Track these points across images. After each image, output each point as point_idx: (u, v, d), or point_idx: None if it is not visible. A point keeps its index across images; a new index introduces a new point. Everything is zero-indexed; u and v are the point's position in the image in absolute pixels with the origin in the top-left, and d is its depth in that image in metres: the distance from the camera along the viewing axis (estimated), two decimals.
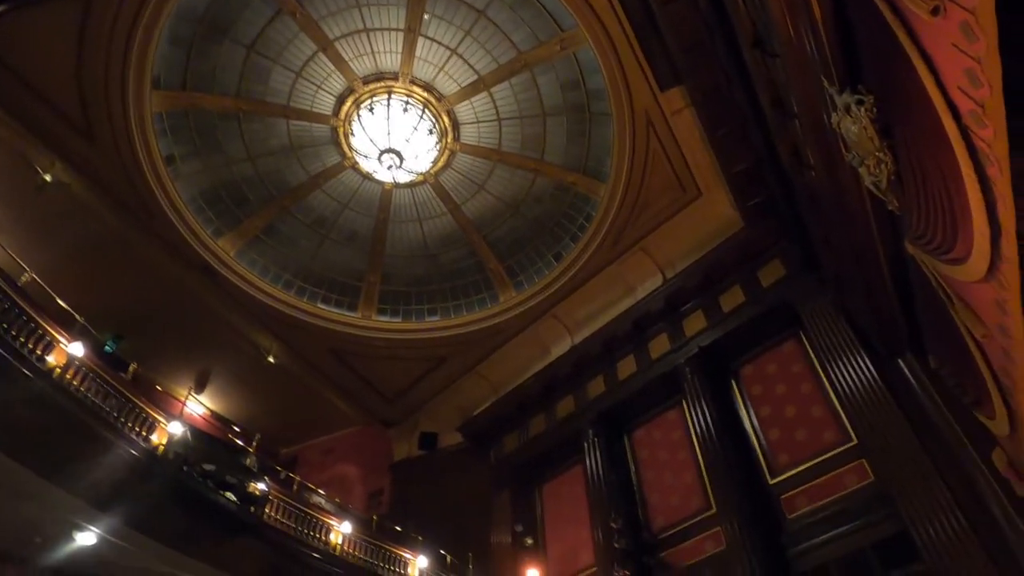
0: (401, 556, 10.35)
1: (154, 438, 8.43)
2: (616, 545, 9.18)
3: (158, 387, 11.67)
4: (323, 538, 9.74)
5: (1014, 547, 5.74)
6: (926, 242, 4.41)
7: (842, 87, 4.43)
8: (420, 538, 10.94)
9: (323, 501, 10.99)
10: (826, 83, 4.59)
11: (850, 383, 8.12)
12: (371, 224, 14.38)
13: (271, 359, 14.09)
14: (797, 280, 9.68)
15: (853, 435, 8.16)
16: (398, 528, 11.24)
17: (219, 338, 13.60)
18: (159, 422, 8.65)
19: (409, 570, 10.29)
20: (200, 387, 14.37)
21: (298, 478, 11.21)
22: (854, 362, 8.19)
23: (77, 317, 9.09)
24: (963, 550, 6.12)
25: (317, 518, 9.94)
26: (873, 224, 5.60)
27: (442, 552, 11.24)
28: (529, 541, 10.94)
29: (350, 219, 14.31)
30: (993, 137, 2.98)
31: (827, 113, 4.97)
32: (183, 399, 12.26)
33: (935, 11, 2.84)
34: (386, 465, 15.48)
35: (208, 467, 8.78)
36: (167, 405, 10.23)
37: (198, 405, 13.54)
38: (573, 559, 10.51)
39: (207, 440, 9.37)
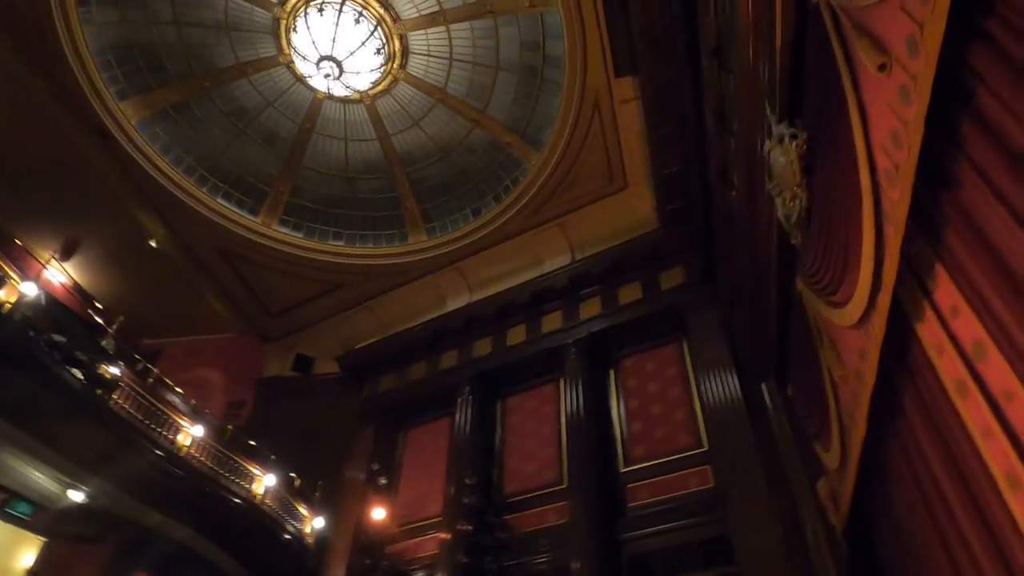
0: (249, 470, 10.14)
1: (1, 293, 7.71)
2: (466, 500, 9.42)
3: (17, 241, 10.64)
4: (171, 437, 9.35)
5: (817, 568, 6.38)
6: (815, 281, 4.71)
7: (781, 117, 4.60)
8: (273, 457, 10.75)
9: (178, 401, 10.51)
10: (768, 110, 4.75)
11: (715, 395, 8.68)
12: (294, 130, 13.64)
13: (153, 243, 13.15)
14: (693, 290, 10.14)
15: (705, 442, 8.73)
16: (252, 443, 10.99)
17: (99, 208, 12.51)
18: (10, 278, 7.90)
19: (254, 485, 10.11)
20: (66, 254, 13.22)
21: (156, 371, 10.64)
22: (723, 377, 8.74)
23: None
24: (772, 563, 6.77)
25: (168, 415, 9.52)
26: (774, 254, 5.91)
27: (292, 475, 11.10)
28: (383, 481, 11.01)
29: (272, 119, 13.50)
30: (898, 199, 3.19)
31: (762, 139, 5.17)
32: (44, 262, 11.27)
33: (882, 67, 2.98)
34: (253, 379, 15.03)
35: (58, 338, 8.15)
36: (24, 263, 9.38)
37: (60, 273, 12.46)
38: (422, 506, 10.71)
39: (62, 310, 8.69)
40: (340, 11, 11.55)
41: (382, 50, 12.13)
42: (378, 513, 10.49)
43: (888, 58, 2.97)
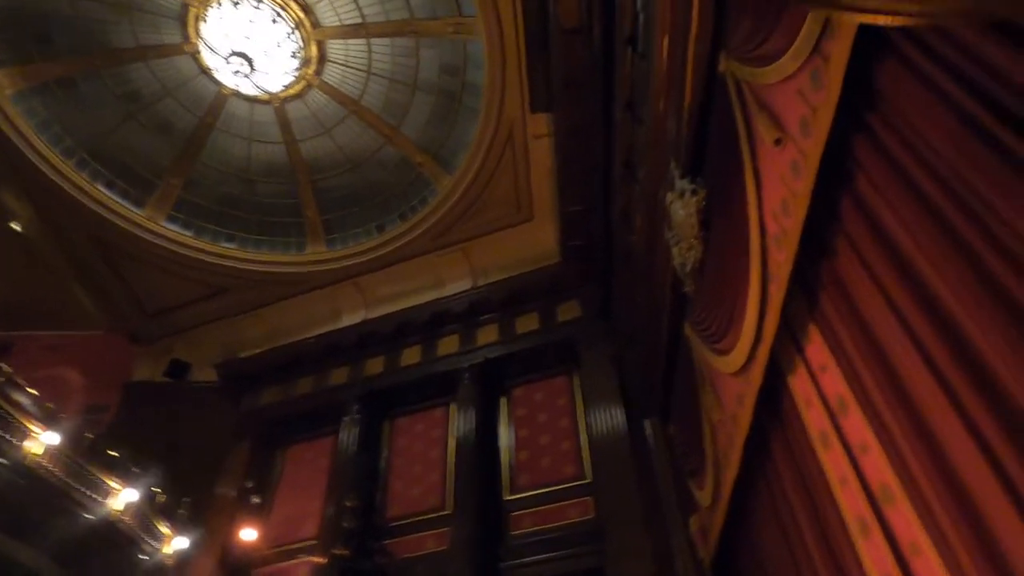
0: (107, 484, 9.29)
1: None
2: (345, 523, 9.11)
3: None
4: (17, 443, 8.41)
5: None
6: (703, 328, 5.01)
7: (684, 173, 4.91)
8: (136, 470, 9.92)
9: (29, 403, 9.50)
10: (673, 164, 5.06)
11: (601, 428, 8.95)
12: (193, 123, 12.91)
13: (15, 226, 11.93)
14: (588, 325, 10.46)
15: (589, 474, 8.95)
16: (113, 453, 10.09)
17: None
18: None
19: (110, 500, 9.26)
20: None
21: (6, 367, 9.56)
22: (610, 411, 9.04)
23: None
24: None
25: (16, 419, 8.57)
26: (667, 299, 6.24)
27: (155, 490, 10.29)
28: (256, 500, 10.41)
29: (170, 108, 12.71)
30: (783, 261, 3.49)
31: (664, 190, 5.48)
32: None
33: (777, 142, 3.27)
34: (119, 382, 13.85)
35: None
36: None
37: None
38: (296, 528, 10.23)
39: None
40: (258, 6, 11.16)
41: (298, 54, 11.82)
42: (248, 534, 9.89)
43: (783, 134, 3.27)
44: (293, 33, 11.57)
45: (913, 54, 2.41)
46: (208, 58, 11.75)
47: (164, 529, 9.98)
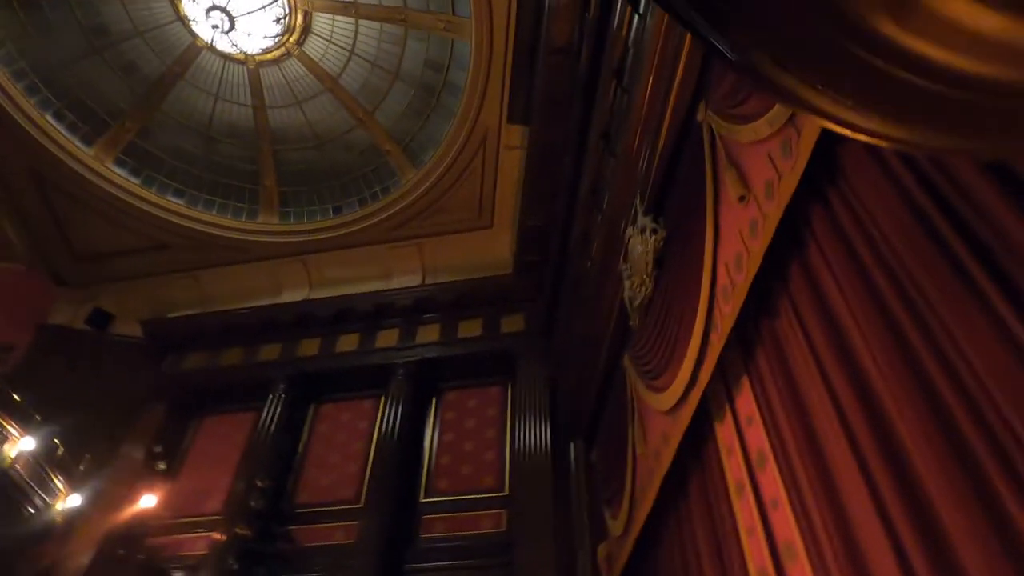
0: (4, 428, 8.78)
1: None
2: (252, 503, 8.87)
3: None
4: None
5: None
6: (642, 363, 5.12)
7: (647, 211, 5.03)
8: (38, 417, 9.41)
9: None
10: (639, 200, 5.17)
11: (526, 444, 8.98)
12: (159, 69, 12.42)
13: None
14: (530, 340, 10.53)
15: (507, 487, 8.99)
16: (17, 397, 9.55)
17: None
18: None
19: (6, 447, 8.76)
20: None
21: None
22: (537, 429, 9.09)
23: None
24: None
25: None
26: (611, 328, 6.36)
27: (56, 442, 9.78)
28: (162, 466, 10.05)
29: (138, 50, 12.20)
30: (728, 313, 3.60)
31: (626, 223, 5.60)
32: None
33: (742, 199, 3.39)
34: (33, 322, 13.12)
35: None
36: None
37: None
38: (201, 501, 9.89)
39: None
40: None
41: (282, 20, 11.56)
42: (148, 500, 9.53)
43: (748, 192, 3.40)
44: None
45: None
46: (187, 6, 11.37)
47: (59, 484, 9.49)
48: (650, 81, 4.80)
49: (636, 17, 5.02)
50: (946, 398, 2.08)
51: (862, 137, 0.78)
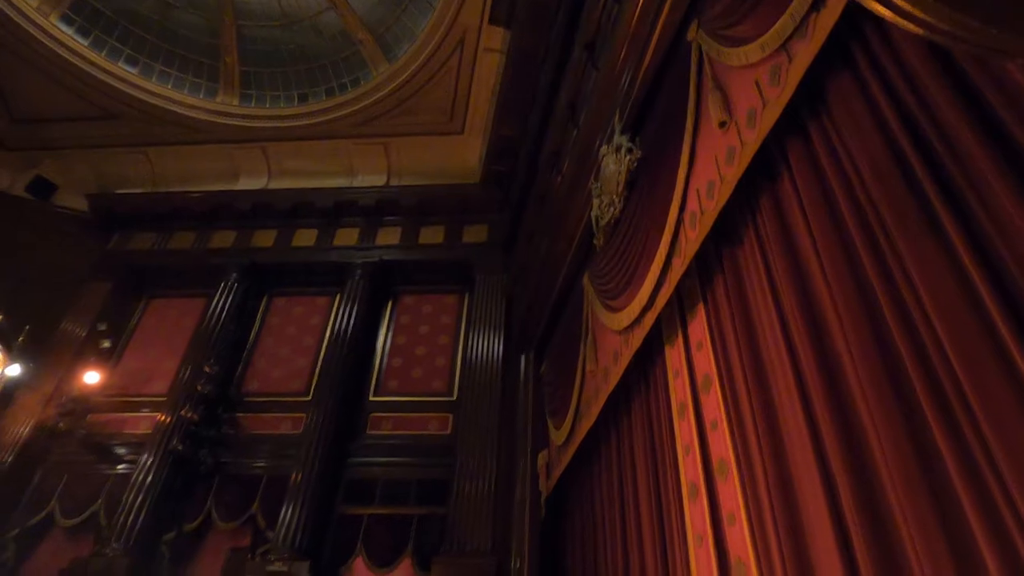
0: None
1: None
2: (199, 387, 8.86)
3: None
4: None
5: (515, 526, 7.11)
6: (601, 283, 5.17)
7: (625, 129, 4.92)
8: None
9: None
10: (617, 117, 5.05)
11: (477, 352, 9.15)
12: None
13: None
14: (490, 251, 10.50)
15: (455, 393, 9.20)
16: None
17: None
18: None
19: None
20: None
21: None
22: (490, 339, 9.24)
23: None
24: (479, 513, 7.43)
25: None
26: (574, 246, 6.35)
27: None
28: (106, 344, 9.88)
29: None
30: (693, 239, 3.61)
31: (601, 140, 5.49)
32: None
33: (722, 124, 3.33)
34: None
35: None
36: None
37: None
38: (146, 382, 9.84)
39: None
40: None
41: None
42: (91, 377, 9.42)
43: (729, 118, 3.33)
44: None
45: (869, 76, 2.50)
46: None
47: None
48: None
49: None
50: (894, 335, 2.15)
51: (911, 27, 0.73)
